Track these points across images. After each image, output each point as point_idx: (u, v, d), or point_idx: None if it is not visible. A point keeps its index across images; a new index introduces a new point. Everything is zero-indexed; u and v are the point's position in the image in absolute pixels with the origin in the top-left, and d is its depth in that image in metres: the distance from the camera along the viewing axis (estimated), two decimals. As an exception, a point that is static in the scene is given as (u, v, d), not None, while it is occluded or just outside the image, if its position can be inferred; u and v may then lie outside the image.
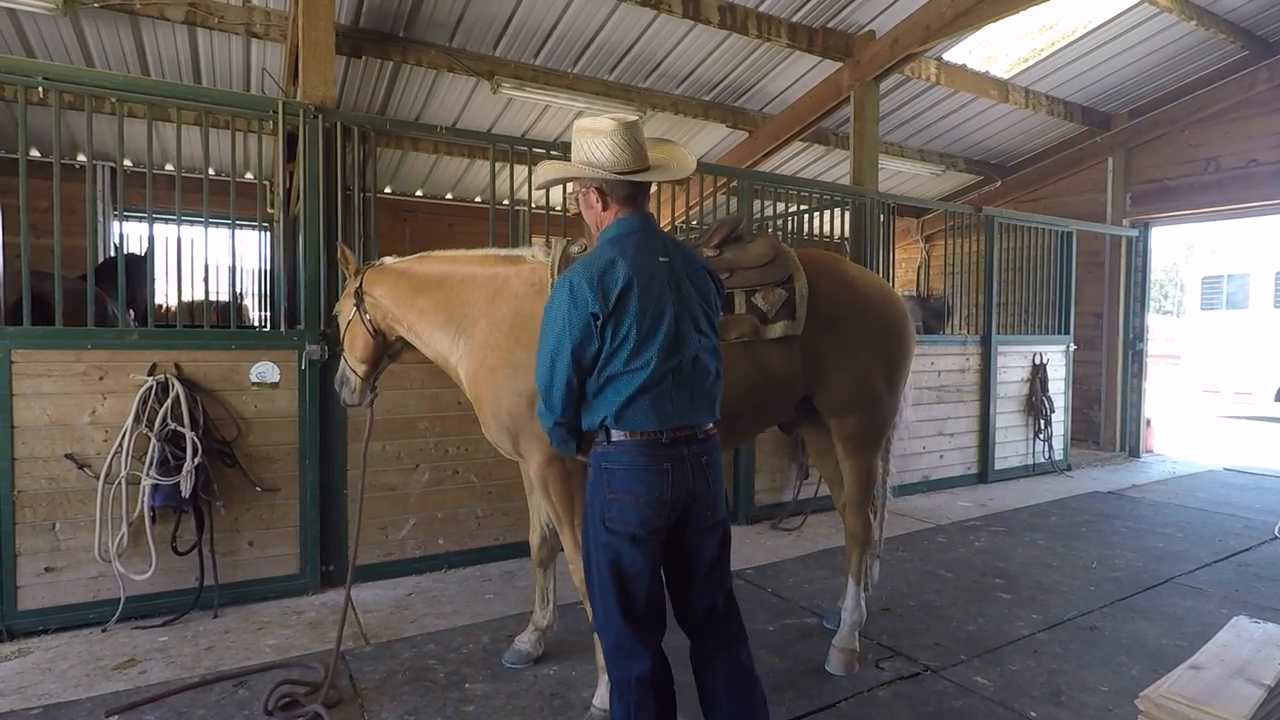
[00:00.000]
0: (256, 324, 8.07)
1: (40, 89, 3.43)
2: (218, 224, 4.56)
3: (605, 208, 2.15)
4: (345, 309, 3.20)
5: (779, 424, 3.48)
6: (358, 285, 3.14)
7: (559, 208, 6.93)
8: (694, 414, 2.15)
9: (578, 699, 2.83)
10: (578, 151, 2.14)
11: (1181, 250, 25.82)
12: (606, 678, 2.79)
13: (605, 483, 2.11)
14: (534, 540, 3.14)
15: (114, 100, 3.62)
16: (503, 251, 3.14)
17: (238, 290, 4.54)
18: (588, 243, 2.99)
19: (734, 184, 5.65)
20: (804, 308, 2.97)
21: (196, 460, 3.40)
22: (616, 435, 2.09)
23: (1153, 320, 10.33)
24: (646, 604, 2.11)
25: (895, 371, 3.20)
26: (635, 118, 2.21)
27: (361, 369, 3.16)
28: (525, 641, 3.15)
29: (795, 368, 3.00)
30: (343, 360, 3.23)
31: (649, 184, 2.19)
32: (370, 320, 3.10)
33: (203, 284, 4.00)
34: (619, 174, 2.10)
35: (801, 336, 2.98)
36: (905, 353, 3.24)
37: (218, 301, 7.36)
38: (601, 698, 2.70)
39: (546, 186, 2.41)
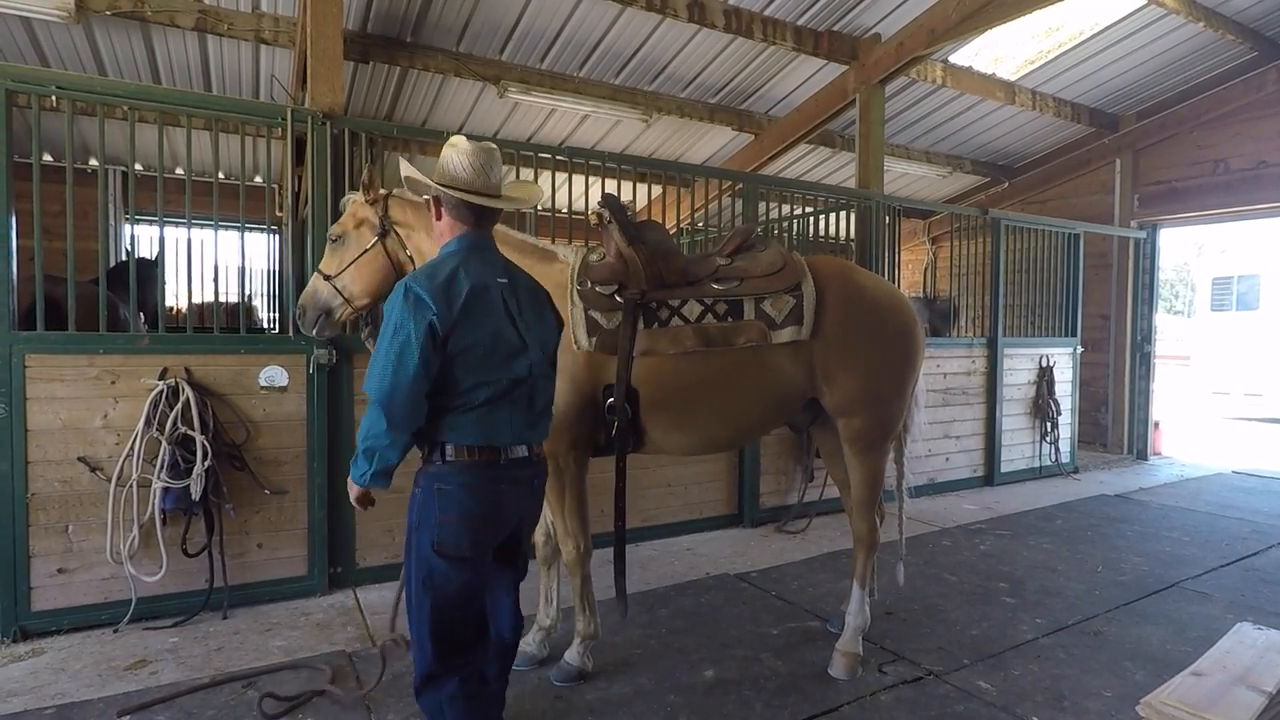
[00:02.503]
0: (266, 324, 8.14)
1: (54, 97, 3.48)
2: (227, 227, 4.61)
3: (439, 218, 2.23)
4: (360, 236, 2.98)
5: (788, 424, 3.53)
6: (383, 213, 3.00)
7: (564, 210, 6.97)
8: (530, 432, 2.15)
9: (582, 701, 2.85)
10: (438, 163, 2.23)
11: (1192, 250, 25.64)
12: (578, 640, 2.99)
13: (438, 506, 2.03)
14: (538, 539, 3.16)
15: (126, 108, 3.68)
16: (540, 243, 3.16)
17: (247, 292, 4.57)
18: (605, 253, 3.03)
19: (739, 187, 5.67)
20: (811, 313, 3.03)
21: (206, 463, 3.45)
22: (452, 454, 2.03)
23: (1163, 320, 10.30)
24: (467, 629, 2.09)
25: (903, 374, 3.24)
26: (494, 146, 2.25)
27: (362, 301, 2.99)
28: (530, 643, 3.15)
29: (803, 371, 3.06)
30: (325, 286, 3.01)
31: (489, 210, 2.23)
32: (408, 253, 2.92)
33: (212, 286, 4.04)
34: (459, 189, 2.16)
35: (810, 341, 3.03)
36: (913, 357, 3.27)
37: (227, 304, 7.43)
38: (572, 654, 2.98)
39: (409, 184, 2.44)
